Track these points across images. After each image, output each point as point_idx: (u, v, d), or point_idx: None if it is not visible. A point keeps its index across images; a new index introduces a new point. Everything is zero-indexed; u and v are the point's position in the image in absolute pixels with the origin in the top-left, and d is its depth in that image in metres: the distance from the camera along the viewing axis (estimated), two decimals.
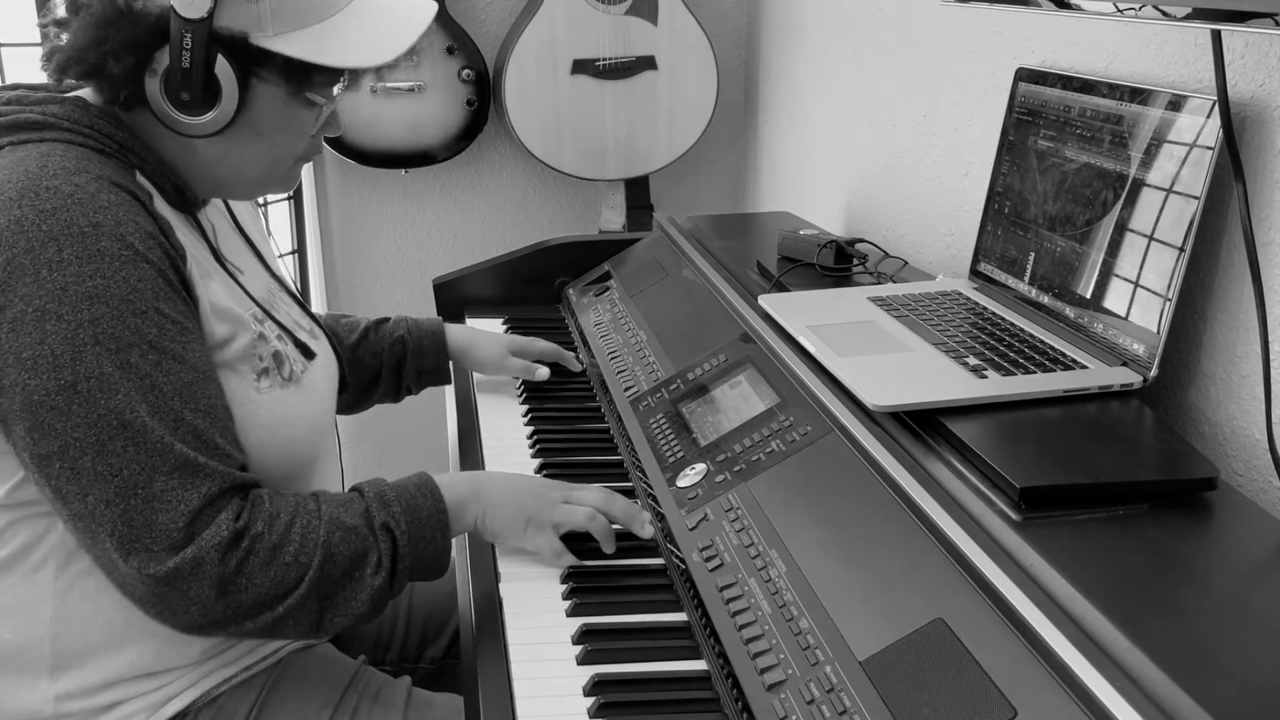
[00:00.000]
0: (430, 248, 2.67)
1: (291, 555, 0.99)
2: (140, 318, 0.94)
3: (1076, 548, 0.87)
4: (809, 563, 0.98)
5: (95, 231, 0.93)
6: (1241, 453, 1.10)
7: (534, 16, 2.33)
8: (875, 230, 1.92)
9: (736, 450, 1.19)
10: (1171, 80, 1.19)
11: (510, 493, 1.14)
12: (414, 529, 1.05)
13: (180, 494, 0.94)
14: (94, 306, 0.92)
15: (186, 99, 0.99)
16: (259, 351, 1.09)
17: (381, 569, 1.02)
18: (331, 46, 1.03)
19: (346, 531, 1.01)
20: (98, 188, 0.96)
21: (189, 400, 0.97)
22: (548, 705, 0.95)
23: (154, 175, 1.05)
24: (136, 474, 0.93)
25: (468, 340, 1.55)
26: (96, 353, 0.92)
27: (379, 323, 1.52)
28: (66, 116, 1.01)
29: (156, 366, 0.95)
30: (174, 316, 0.97)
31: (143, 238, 0.96)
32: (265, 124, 1.06)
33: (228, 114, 1.01)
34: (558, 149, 2.43)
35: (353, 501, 1.05)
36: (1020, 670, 0.77)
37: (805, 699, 0.86)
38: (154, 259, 0.97)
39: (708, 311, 1.53)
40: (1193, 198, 1.06)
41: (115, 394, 0.93)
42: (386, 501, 1.05)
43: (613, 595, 1.09)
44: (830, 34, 2.13)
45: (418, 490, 1.07)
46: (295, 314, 1.25)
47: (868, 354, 1.21)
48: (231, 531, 0.96)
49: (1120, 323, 1.14)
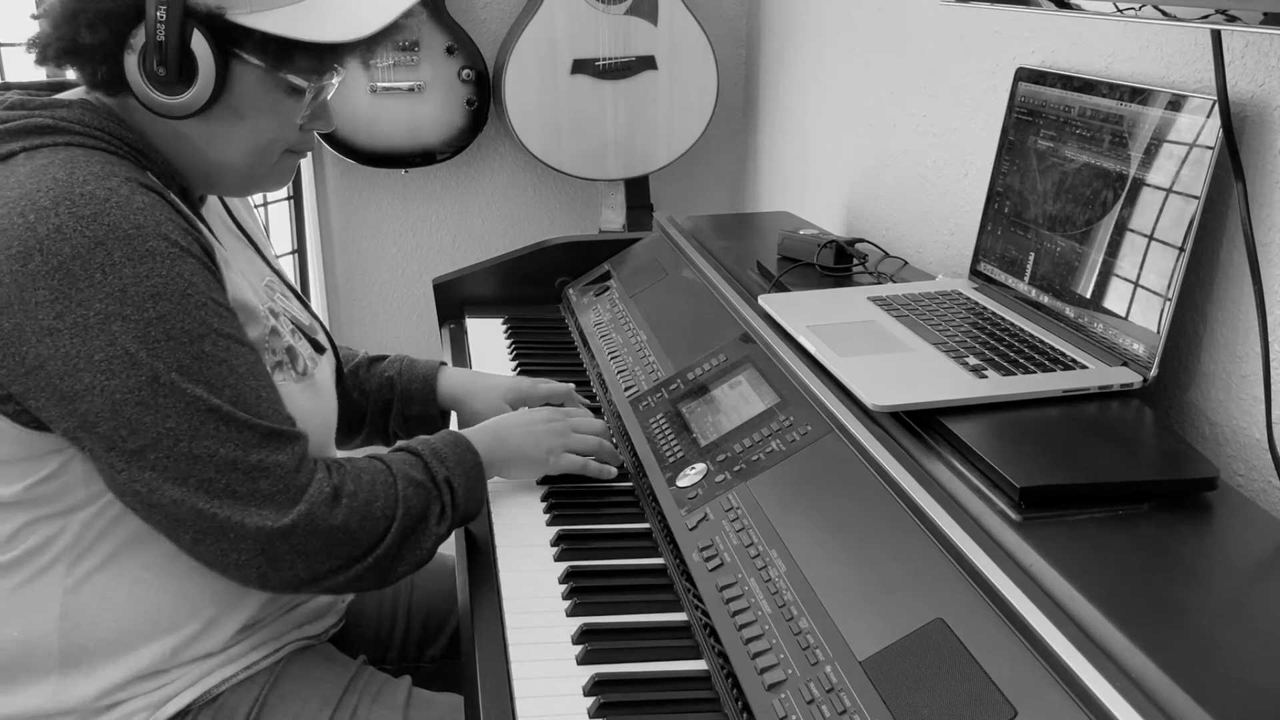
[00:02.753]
0: (430, 248, 2.67)
1: (380, 509, 1.06)
2: (203, 309, 0.98)
3: (1076, 548, 0.87)
4: (809, 563, 0.98)
5: (140, 233, 0.95)
6: (1241, 453, 1.10)
7: (534, 16, 2.33)
8: (875, 230, 1.92)
9: (736, 450, 1.19)
10: (1171, 80, 1.19)
11: (524, 435, 1.25)
12: (465, 482, 1.14)
13: (275, 459, 1.00)
14: (158, 304, 0.95)
15: (162, 75, 0.98)
16: (273, 345, 1.10)
17: (445, 518, 1.12)
18: (308, 23, 1.01)
19: (417, 486, 1.10)
20: (130, 190, 0.96)
21: (260, 378, 1.02)
22: (548, 705, 0.95)
23: (162, 175, 1.05)
24: (234, 450, 0.98)
25: (462, 391, 1.45)
26: (171, 347, 0.95)
27: (374, 360, 1.48)
28: (77, 120, 1.01)
29: (228, 351, 0.99)
30: (225, 303, 1.02)
31: (183, 234, 0.98)
32: (247, 107, 1.04)
33: (205, 92, 1.00)
34: (558, 149, 2.43)
35: (413, 460, 1.13)
36: (1020, 670, 0.77)
37: (805, 699, 0.86)
38: (197, 253, 0.99)
39: (708, 311, 1.53)
40: (1193, 198, 1.06)
41: (199, 382, 0.97)
42: (442, 457, 1.14)
43: (613, 595, 1.09)
44: (830, 34, 2.13)
45: (457, 446, 1.16)
46: (295, 309, 1.26)
47: (868, 354, 1.21)
48: (331, 488, 1.03)
49: (1120, 323, 1.14)
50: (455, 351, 1.73)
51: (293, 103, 1.07)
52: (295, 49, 1.02)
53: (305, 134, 1.11)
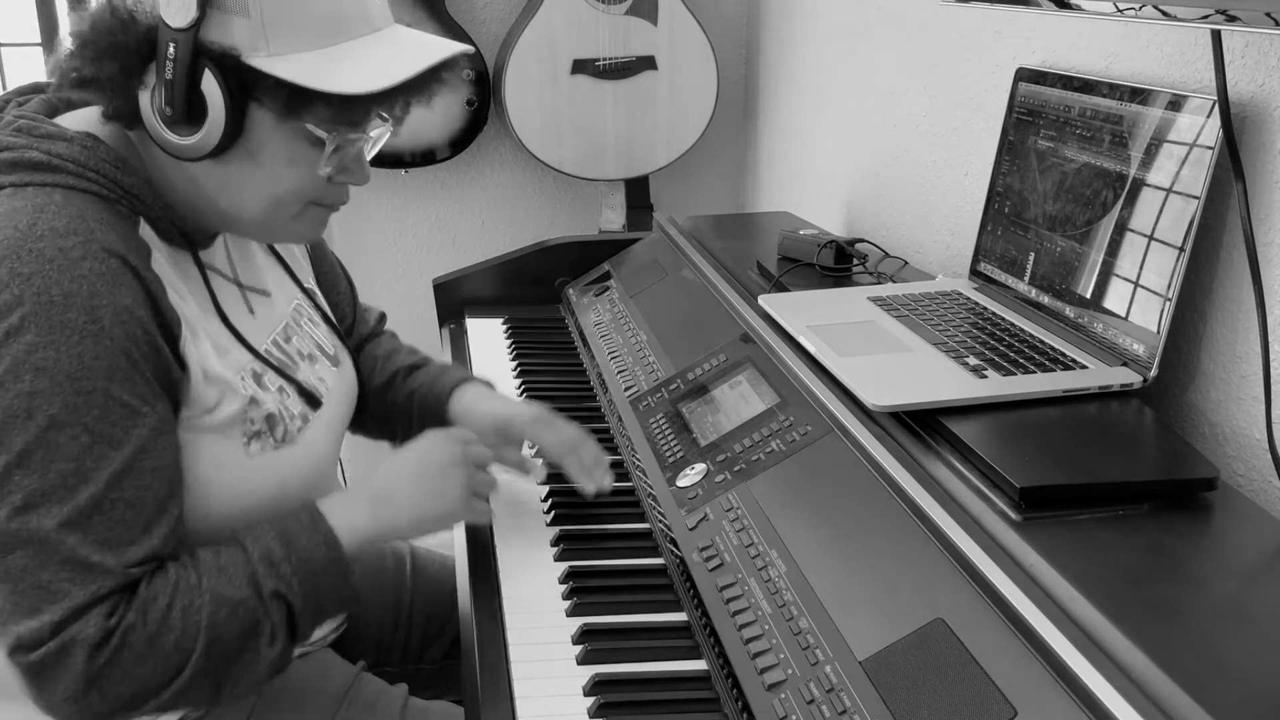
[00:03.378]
0: (430, 248, 2.67)
1: (172, 643, 0.93)
2: (82, 397, 0.90)
3: (1076, 548, 0.87)
4: (809, 563, 0.98)
5: (65, 302, 0.89)
6: (1241, 453, 1.10)
7: (534, 16, 2.33)
8: (875, 230, 1.92)
9: (736, 450, 1.19)
10: (1171, 80, 1.19)
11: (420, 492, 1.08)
12: (309, 585, 0.99)
13: (66, 587, 0.90)
14: (37, 379, 0.89)
15: (169, 114, 0.94)
16: (250, 415, 1.04)
17: (277, 639, 0.97)
18: (325, 71, 0.95)
19: (233, 607, 0.95)
20: (83, 253, 0.91)
21: (112, 489, 0.91)
22: (548, 705, 0.95)
23: (159, 221, 1.01)
24: (27, 557, 0.89)
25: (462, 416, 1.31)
26: (25, 427, 0.89)
27: (414, 368, 1.38)
28: (73, 158, 0.96)
29: (87, 451, 0.90)
30: (124, 399, 0.92)
31: (116, 312, 0.91)
32: (264, 154, 0.99)
33: (214, 135, 0.95)
34: (558, 149, 2.43)
35: (237, 567, 0.97)
36: (1020, 670, 0.77)
37: (805, 699, 0.86)
38: (120, 336, 0.91)
39: (708, 311, 1.53)
40: (1193, 198, 1.06)
41: (31, 473, 0.89)
42: (275, 563, 0.98)
43: (613, 595, 1.09)
44: (830, 34, 2.13)
45: (309, 540, 1.00)
46: (321, 335, 1.22)
47: (868, 354, 1.21)
48: (101, 630, 0.90)
49: (1120, 323, 1.14)
50: (455, 352, 1.73)
51: (315, 153, 1.00)
52: (315, 97, 0.96)
53: (334, 187, 1.05)
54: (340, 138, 1.00)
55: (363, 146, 1.04)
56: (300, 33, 0.95)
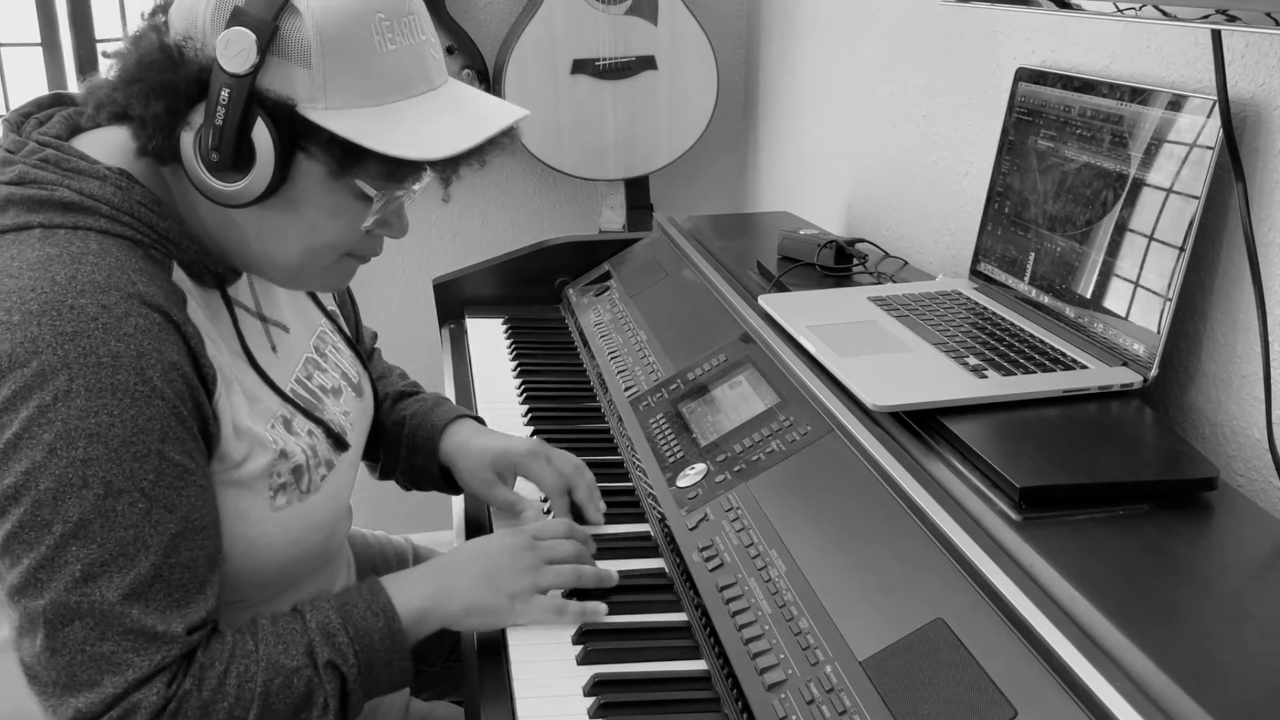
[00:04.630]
0: (430, 248, 2.67)
1: (225, 710, 0.91)
2: (139, 461, 0.87)
3: (1076, 548, 0.87)
4: (809, 563, 0.98)
5: (114, 363, 0.86)
6: (1241, 453, 1.10)
7: (534, 16, 2.33)
8: (875, 230, 1.92)
9: (736, 450, 1.19)
10: (1171, 80, 1.19)
11: (480, 578, 1.05)
12: (365, 658, 0.97)
13: (130, 658, 0.87)
14: (91, 445, 0.86)
15: (215, 160, 0.90)
16: (277, 469, 1.01)
17: (329, 711, 0.95)
18: (385, 131, 0.92)
19: (288, 676, 0.93)
20: (126, 309, 0.88)
21: (171, 554, 0.89)
22: (548, 705, 0.95)
23: (192, 264, 0.98)
24: (86, 629, 0.87)
25: (459, 451, 1.28)
26: (82, 496, 0.86)
27: (404, 394, 1.36)
28: (107, 200, 0.93)
29: (145, 516, 0.88)
30: (177, 460, 0.90)
31: (164, 370, 0.89)
32: (307, 204, 0.96)
33: (260, 183, 0.92)
34: (558, 149, 2.43)
35: (294, 636, 0.96)
36: (1020, 670, 0.77)
37: (805, 699, 0.86)
38: (170, 395, 0.89)
39: (708, 311, 1.53)
40: (1193, 198, 1.06)
41: (90, 544, 0.86)
42: (331, 633, 0.96)
43: (612, 595, 1.09)
44: (830, 34, 2.13)
45: (368, 611, 0.99)
46: (345, 361, 1.20)
47: (868, 354, 1.21)
48: (162, 697, 0.88)
49: (1120, 323, 1.14)
50: (455, 352, 1.73)
51: (360, 207, 0.97)
52: (369, 155, 0.92)
53: (370, 239, 1.02)
54: (389, 194, 0.98)
55: (404, 200, 1.01)
56: (361, 87, 0.92)
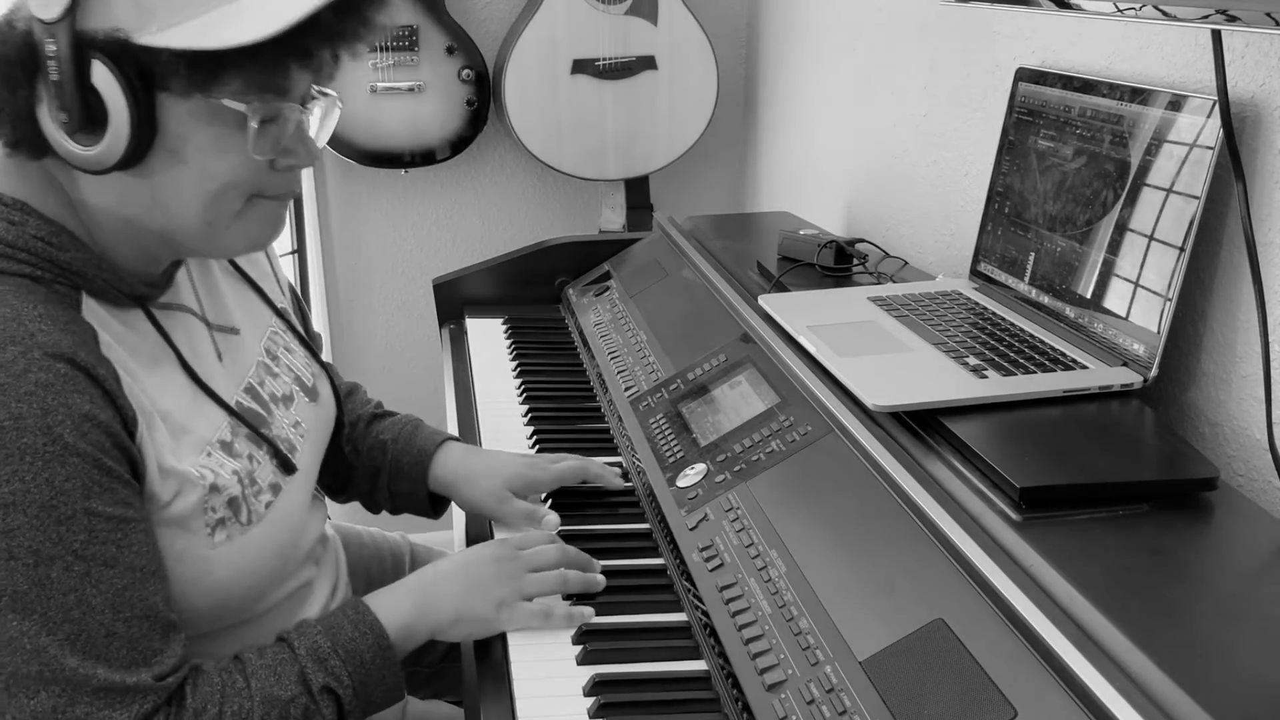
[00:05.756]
0: (430, 248, 2.67)
1: None
2: (64, 525, 0.82)
3: (1076, 548, 0.87)
4: (809, 563, 0.98)
5: (17, 426, 0.80)
6: (1241, 453, 1.10)
7: (534, 16, 2.33)
8: (875, 230, 1.92)
9: (736, 450, 1.19)
10: (1171, 80, 1.19)
11: (465, 587, 1.04)
12: (359, 678, 0.96)
13: (107, 715, 0.84)
14: (9, 516, 0.80)
15: (67, 120, 0.83)
16: (210, 503, 0.95)
17: None
18: (219, 28, 0.83)
19: (284, 707, 0.92)
20: (25, 365, 0.81)
21: (121, 608, 0.85)
22: (548, 705, 0.95)
23: (104, 291, 0.91)
24: (54, 698, 0.82)
25: (459, 475, 1.25)
26: (11, 569, 0.80)
27: (378, 416, 1.32)
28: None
29: (83, 579, 0.83)
30: (109, 512, 0.84)
31: (75, 424, 0.82)
32: (186, 148, 0.87)
33: (122, 132, 0.83)
34: (558, 149, 2.43)
35: (285, 666, 0.94)
36: (1020, 670, 0.77)
37: (805, 699, 0.86)
38: (87, 448, 0.83)
39: (708, 311, 1.53)
40: (1193, 198, 1.06)
41: (32, 614, 0.81)
42: (322, 658, 0.95)
43: (612, 595, 1.09)
44: (830, 34, 2.13)
45: (355, 631, 0.98)
46: (299, 363, 1.15)
47: (868, 354, 1.21)
48: None
49: (1120, 323, 1.14)
50: (455, 352, 1.73)
51: (241, 135, 0.87)
52: (220, 65, 0.83)
53: (278, 174, 0.92)
54: (265, 108, 0.87)
55: (301, 121, 0.92)
56: None
